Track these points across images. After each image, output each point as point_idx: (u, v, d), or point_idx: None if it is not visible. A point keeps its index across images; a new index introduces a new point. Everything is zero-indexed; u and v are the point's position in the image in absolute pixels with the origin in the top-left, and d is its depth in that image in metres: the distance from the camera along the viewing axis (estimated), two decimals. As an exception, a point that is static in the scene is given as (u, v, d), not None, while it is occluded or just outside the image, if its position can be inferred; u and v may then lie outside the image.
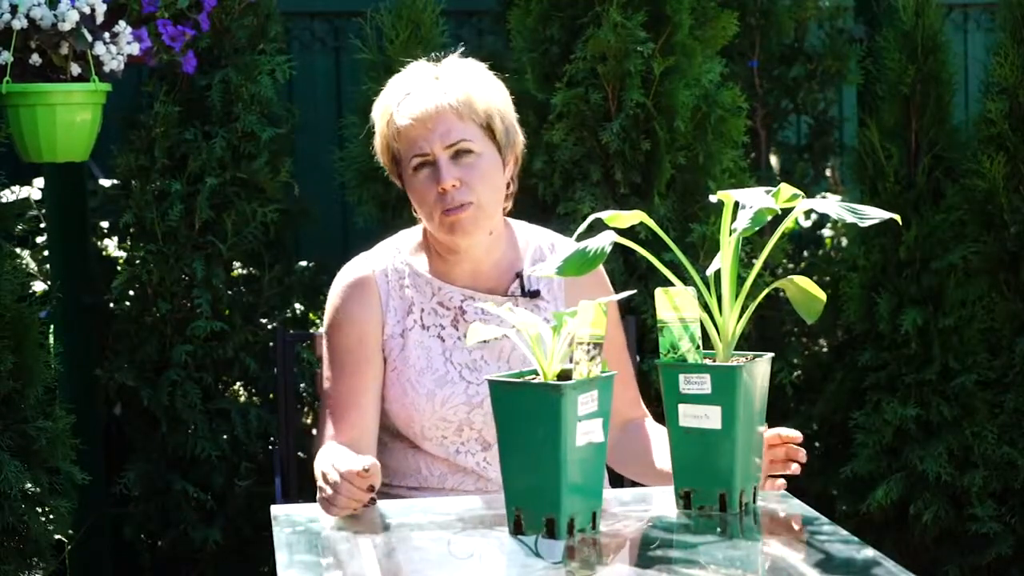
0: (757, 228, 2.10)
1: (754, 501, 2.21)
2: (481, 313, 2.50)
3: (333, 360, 2.53)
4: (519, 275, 2.55)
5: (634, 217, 2.20)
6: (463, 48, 2.60)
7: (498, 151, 2.50)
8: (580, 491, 2.05)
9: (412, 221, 2.70)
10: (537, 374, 2.07)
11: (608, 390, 2.08)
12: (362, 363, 2.51)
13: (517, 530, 2.06)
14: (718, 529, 2.12)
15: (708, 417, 2.14)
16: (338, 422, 2.48)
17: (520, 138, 2.57)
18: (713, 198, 2.23)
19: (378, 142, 2.56)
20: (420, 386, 2.49)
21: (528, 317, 2.08)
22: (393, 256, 2.59)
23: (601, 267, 2.62)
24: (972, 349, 3.66)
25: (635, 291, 2.70)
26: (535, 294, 2.55)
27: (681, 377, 2.15)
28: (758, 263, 2.19)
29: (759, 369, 2.18)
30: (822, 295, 2.19)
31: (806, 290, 2.19)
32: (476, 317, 2.50)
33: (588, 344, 2.04)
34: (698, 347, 2.17)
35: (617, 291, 2.56)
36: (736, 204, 2.14)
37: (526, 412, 2.02)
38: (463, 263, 2.54)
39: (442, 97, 2.46)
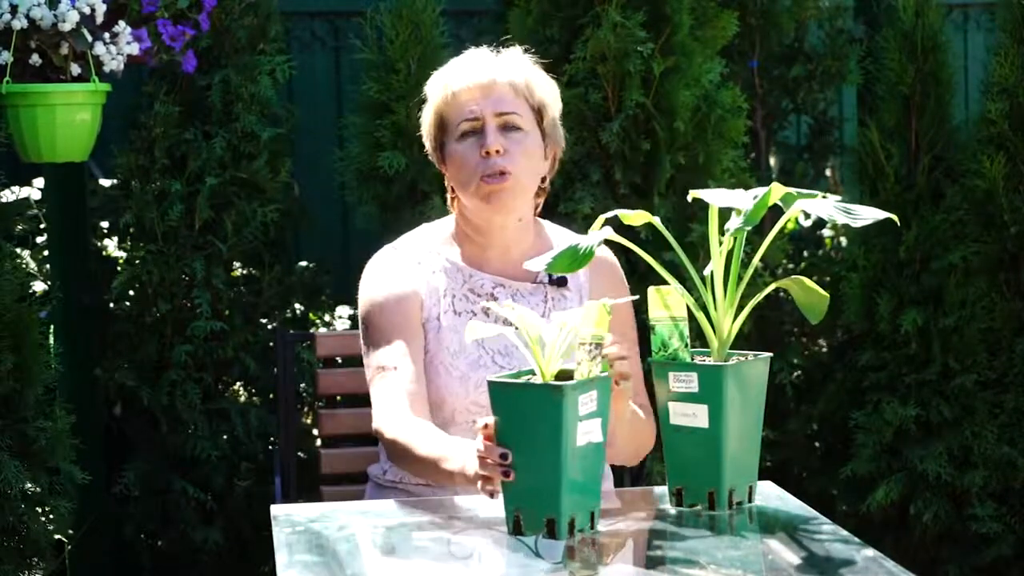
0: (748, 227, 2.10)
1: (750, 500, 2.21)
2: (513, 299, 2.53)
3: (380, 339, 2.51)
4: None
5: (641, 217, 2.21)
6: (522, 47, 2.61)
7: (543, 138, 2.54)
8: (580, 491, 2.05)
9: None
10: (535, 374, 2.07)
11: (606, 390, 2.08)
12: (410, 337, 2.51)
13: (516, 530, 2.06)
14: (708, 527, 2.12)
15: (696, 415, 2.15)
16: (407, 396, 2.45)
17: (562, 144, 2.61)
18: (689, 197, 2.23)
19: (428, 113, 2.57)
20: (454, 369, 2.51)
21: (530, 316, 2.09)
22: (422, 244, 2.61)
23: (618, 265, 2.65)
24: (972, 349, 3.66)
25: (638, 296, 2.71)
26: (562, 282, 2.58)
27: (670, 375, 2.16)
28: (753, 262, 2.19)
29: (750, 369, 2.18)
30: (826, 295, 2.19)
31: (811, 290, 2.19)
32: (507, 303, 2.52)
33: (590, 344, 2.04)
34: (686, 345, 2.18)
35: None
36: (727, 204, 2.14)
37: (527, 412, 2.02)
38: (493, 248, 2.56)
39: (502, 72, 2.51)
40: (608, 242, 2.22)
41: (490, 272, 2.56)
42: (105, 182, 3.91)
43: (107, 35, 3.08)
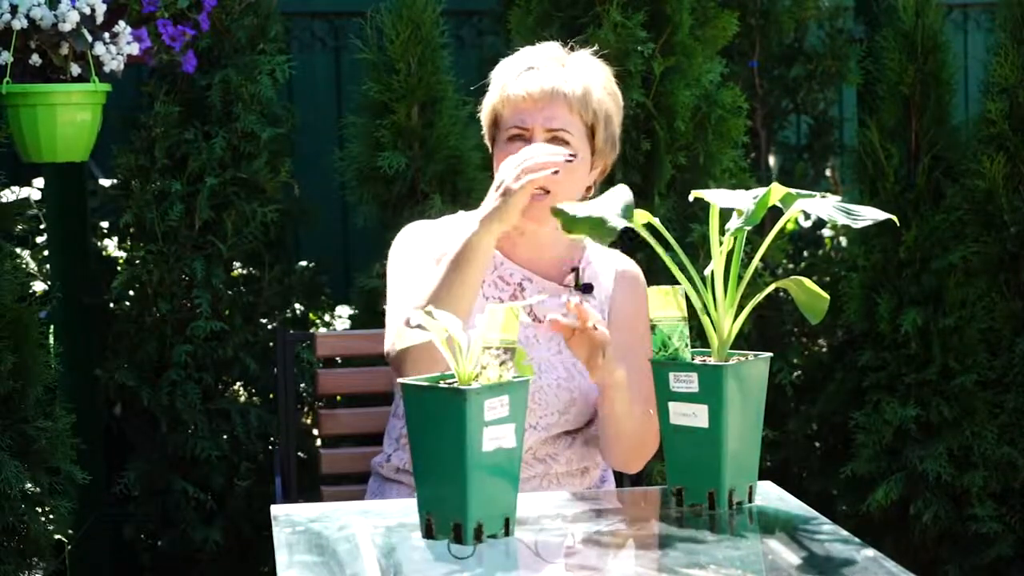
0: (749, 227, 2.10)
1: (750, 500, 2.21)
2: (539, 293, 2.53)
3: (404, 280, 2.51)
4: (575, 269, 2.59)
5: (640, 216, 2.21)
6: (595, 48, 2.61)
7: (591, 154, 2.53)
8: (489, 497, 2.01)
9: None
10: (455, 378, 2.02)
11: (522, 395, 2.02)
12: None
13: (428, 534, 2.04)
14: (708, 527, 2.12)
15: (696, 415, 2.15)
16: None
17: (616, 150, 2.59)
18: (691, 197, 2.23)
19: (487, 100, 2.58)
20: None
21: (450, 322, 2.04)
22: (458, 223, 2.61)
23: (643, 280, 2.65)
24: (972, 349, 3.66)
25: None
26: (588, 288, 2.59)
27: (671, 375, 2.16)
28: (754, 262, 2.19)
29: (750, 369, 2.17)
30: (825, 295, 2.19)
31: (811, 290, 2.19)
32: (534, 295, 2.54)
33: (498, 348, 2.01)
34: (687, 345, 2.18)
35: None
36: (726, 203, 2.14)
37: (433, 416, 1.98)
38: (526, 244, 2.57)
39: (561, 83, 2.49)
40: (618, 241, 2.22)
41: (521, 263, 2.57)
42: (105, 182, 3.91)
43: (107, 35, 3.08)
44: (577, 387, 2.53)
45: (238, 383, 3.84)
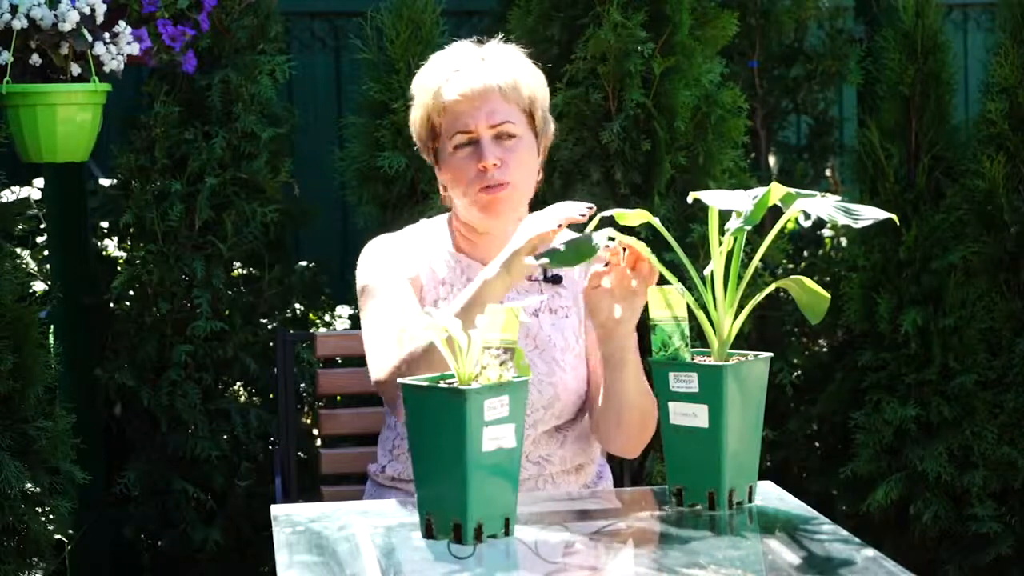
0: (748, 227, 2.10)
1: (750, 500, 2.21)
2: (512, 293, 2.52)
3: (379, 298, 2.50)
4: None
5: (639, 216, 2.21)
6: (502, 36, 2.62)
7: (535, 137, 2.54)
8: (489, 497, 2.01)
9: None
10: (455, 378, 2.02)
11: (522, 395, 2.02)
12: (410, 301, 2.50)
13: (428, 534, 2.04)
14: (708, 527, 2.12)
15: (696, 415, 2.15)
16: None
17: (552, 127, 2.60)
18: (689, 198, 2.23)
19: (417, 114, 2.57)
20: None
21: (449, 322, 2.04)
22: (421, 233, 2.62)
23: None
24: (972, 349, 3.66)
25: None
26: (557, 280, 2.59)
27: (671, 375, 2.16)
28: (753, 262, 2.19)
29: (750, 369, 2.17)
30: (826, 295, 2.19)
31: (812, 290, 2.19)
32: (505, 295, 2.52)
33: (499, 348, 2.01)
34: (687, 345, 2.18)
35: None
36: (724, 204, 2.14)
37: (432, 416, 1.99)
38: (490, 245, 2.56)
39: (491, 78, 2.50)
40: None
41: (485, 262, 2.54)
42: (105, 182, 3.91)
43: (107, 35, 3.08)
44: (560, 381, 2.53)
45: (238, 383, 3.84)
